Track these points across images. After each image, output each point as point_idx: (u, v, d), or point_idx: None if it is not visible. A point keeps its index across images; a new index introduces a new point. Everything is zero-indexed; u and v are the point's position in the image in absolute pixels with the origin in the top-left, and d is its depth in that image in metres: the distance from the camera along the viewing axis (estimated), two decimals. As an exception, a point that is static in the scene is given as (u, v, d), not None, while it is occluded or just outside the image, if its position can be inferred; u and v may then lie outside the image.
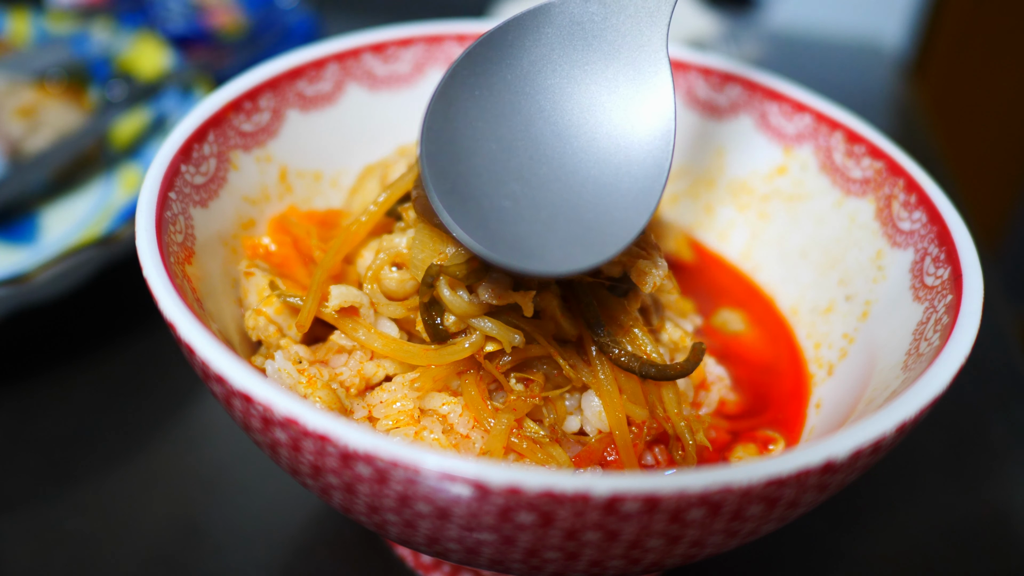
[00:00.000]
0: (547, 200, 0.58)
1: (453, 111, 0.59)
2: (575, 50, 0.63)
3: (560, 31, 0.63)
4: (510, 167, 0.59)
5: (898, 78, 1.78)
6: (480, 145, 0.59)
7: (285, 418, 0.49)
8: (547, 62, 0.62)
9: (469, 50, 0.60)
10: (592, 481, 0.45)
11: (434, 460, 0.46)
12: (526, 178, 0.59)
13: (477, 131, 0.59)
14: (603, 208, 0.59)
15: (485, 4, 1.69)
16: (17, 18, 1.36)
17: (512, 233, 0.56)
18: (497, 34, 0.61)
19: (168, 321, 0.55)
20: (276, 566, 0.78)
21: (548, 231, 0.57)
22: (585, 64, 0.63)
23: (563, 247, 0.57)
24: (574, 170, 0.60)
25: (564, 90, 0.62)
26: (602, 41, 0.63)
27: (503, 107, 0.60)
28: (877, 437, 0.50)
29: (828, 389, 0.75)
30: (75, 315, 1.00)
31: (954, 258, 0.66)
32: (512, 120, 0.60)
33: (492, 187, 0.57)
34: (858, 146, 0.81)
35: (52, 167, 1.12)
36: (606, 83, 0.63)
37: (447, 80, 0.59)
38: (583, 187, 0.59)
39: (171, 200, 0.65)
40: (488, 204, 0.57)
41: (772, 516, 0.51)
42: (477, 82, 0.60)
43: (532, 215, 0.57)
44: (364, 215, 0.70)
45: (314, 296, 0.66)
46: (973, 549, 0.83)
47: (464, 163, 0.57)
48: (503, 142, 0.59)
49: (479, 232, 0.55)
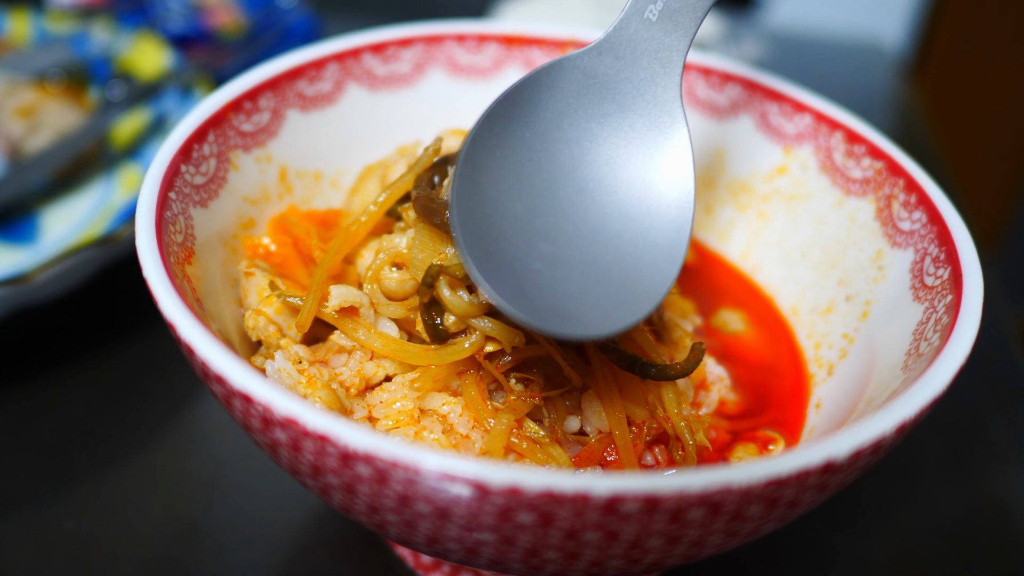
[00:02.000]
0: (576, 259, 0.58)
1: (478, 175, 0.58)
2: (591, 103, 0.63)
3: (575, 85, 0.63)
4: (537, 227, 0.59)
5: (898, 78, 1.78)
6: (507, 207, 0.58)
7: (285, 418, 0.49)
8: (564, 117, 0.62)
9: (489, 111, 0.59)
10: (592, 481, 0.45)
11: (434, 460, 0.46)
12: (553, 237, 0.59)
13: (502, 193, 0.59)
14: (631, 264, 0.59)
15: (485, 4, 1.69)
16: (17, 18, 1.36)
17: (550, 298, 0.56)
18: (513, 93, 0.61)
19: (168, 321, 0.55)
20: (276, 566, 0.78)
21: (582, 292, 0.57)
22: (602, 117, 0.63)
23: (599, 308, 0.57)
24: (598, 226, 0.60)
25: (583, 145, 0.62)
26: (617, 93, 0.64)
27: (525, 166, 0.60)
28: (877, 437, 0.50)
29: (828, 389, 0.75)
30: (75, 315, 1.00)
31: (954, 258, 0.66)
32: (534, 179, 0.60)
33: (523, 250, 0.57)
34: (858, 146, 0.81)
35: (52, 167, 1.12)
36: (623, 136, 0.63)
37: (470, 144, 0.58)
38: (609, 243, 0.60)
39: (171, 200, 0.65)
40: (522, 268, 0.56)
41: (772, 516, 0.51)
42: (498, 143, 0.60)
43: (564, 276, 0.57)
44: (364, 215, 0.70)
45: (314, 296, 0.66)
46: (973, 549, 0.83)
47: (494, 227, 0.57)
48: (527, 202, 0.59)
49: (519, 300, 0.54)
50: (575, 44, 0.92)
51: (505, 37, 0.91)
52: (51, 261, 0.89)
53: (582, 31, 0.92)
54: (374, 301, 0.67)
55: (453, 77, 0.90)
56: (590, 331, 0.56)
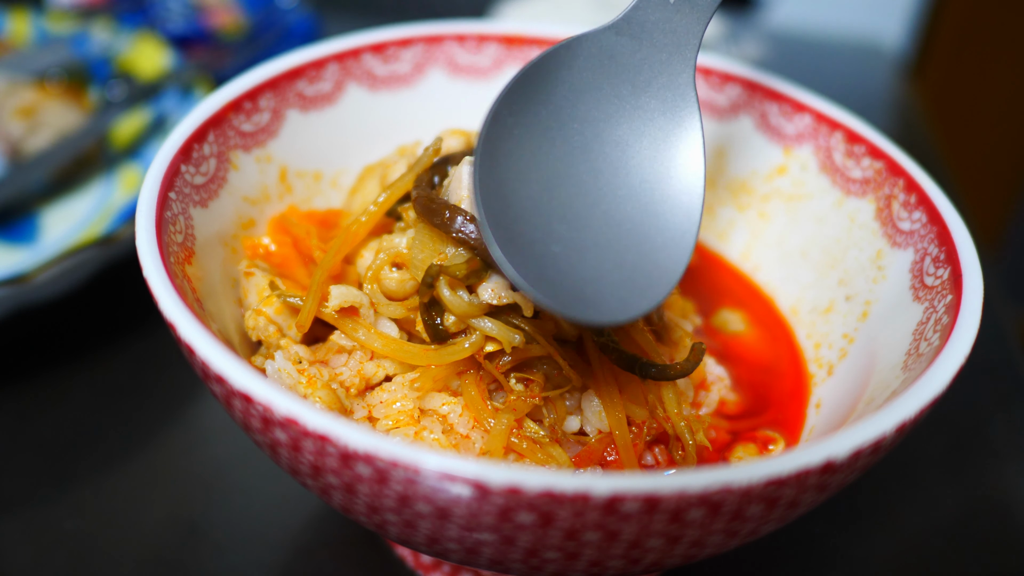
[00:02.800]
0: (591, 242, 0.58)
1: (498, 154, 0.57)
2: (606, 83, 0.63)
3: (592, 63, 0.63)
4: (553, 208, 0.58)
5: (898, 78, 1.78)
6: (524, 188, 0.58)
7: (285, 418, 0.49)
8: (580, 96, 0.62)
9: (508, 87, 0.59)
10: (592, 481, 0.45)
11: (434, 460, 0.46)
12: (569, 219, 0.58)
13: (520, 173, 0.58)
14: (644, 249, 0.59)
15: (485, 4, 1.69)
16: (17, 18, 1.36)
17: (569, 282, 0.55)
18: (532, 69, 0.60)
19: (168, 321, 0.55)
20: (276, 566, 0.78)
21: (599, 277, 0.57)
22: (616, 97, 0.63)
23: (616, 294, 0.57)
24: (611, 209, 0.60)
25: (597, 125, 0.62)
26: (633, 74, 0.63)
27: (541, 146, 0.60)
28: (877, 437, 0.50)
29: (828, 389, 0.75)
30: (75, 315, 1.00)
31: (954, 258, 0.66)
32: (550, 159, 0.60)
33: (541, 232, 0.56)
34: (858, 146, 0.81)
35: (52, 167, 1.12)
36: (637, 118, 0.63)
37: (490, 122, 0.57)
38: (621, 227, 0.59)
39: (171, 200, 0.65)
40: (541, 251, 0.56)
41: (772, 516, 0.51)
42: (516, 121, 0.59)
43: (581, 260, 0.57)
44: (364, 215, 0.70)
45: (314, 296, 0.66)
46: (973, 549, 0.83)
47: (513, 208, 0.56)
48: (544, 183, 0.59)
49: (542, 285, 0.54)
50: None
51: (505, 37, 0.91)
52: (51, 261, 0.89)
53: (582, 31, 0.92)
54: (374, 301, 0.67)
55: (453, 77, 0.90)
56: (609, 317, 0.56)
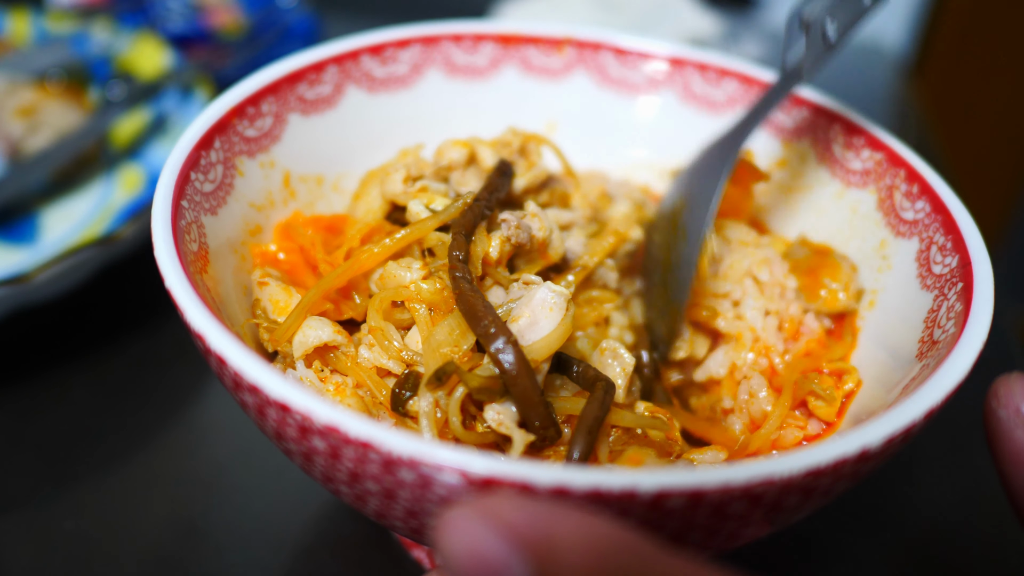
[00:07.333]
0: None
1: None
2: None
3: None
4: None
5: (898, 78, 1.78)
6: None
7: (326, 426, 0.47)
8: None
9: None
10: (638, 478, 0.44)
11: (481, 464, 0.45)
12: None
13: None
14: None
15: (485, 4, 1.69)
16: (17, 18, 1.36)
17: None
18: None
19: (196, 332, 0.53)
20: (276, 567, 0.78)
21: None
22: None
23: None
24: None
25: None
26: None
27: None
28: (908, 424, 0.51)
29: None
30: (75, 315, 1.00)
31: (961, 246, 0.66)
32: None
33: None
34: (857, 138, 0.81)
35: (52, 167, 1.12)
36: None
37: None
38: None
39: (184, 208, 0.64)
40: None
41: (806, 506, 0.51)
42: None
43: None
44: (377, 247, 0.68)
45: (287, 326, 0.65)
46: (973, 549, 0.83)
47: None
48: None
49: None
50: (571, 42, 0.92)
51: (501, 36, 0.91)
52: (51, 261, 0.89)
53: (579, 29, 0.92)
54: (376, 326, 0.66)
55: (450, 77, 0.90)
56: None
